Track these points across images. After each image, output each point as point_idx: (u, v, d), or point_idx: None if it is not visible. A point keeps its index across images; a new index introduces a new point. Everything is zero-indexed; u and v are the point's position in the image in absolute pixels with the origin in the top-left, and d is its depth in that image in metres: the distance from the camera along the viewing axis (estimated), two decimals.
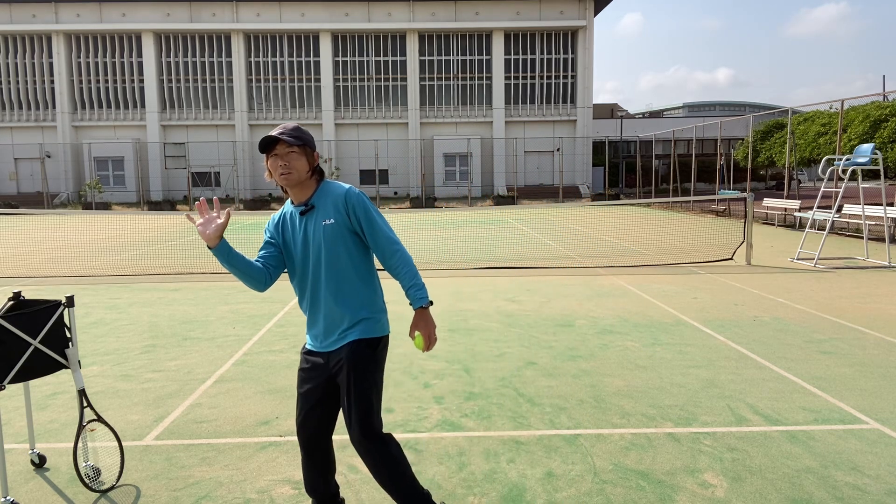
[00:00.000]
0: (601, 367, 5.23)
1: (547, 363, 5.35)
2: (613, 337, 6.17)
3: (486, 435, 3.92)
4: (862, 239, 13.94)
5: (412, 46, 38.60)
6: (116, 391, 4.81)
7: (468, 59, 39.17)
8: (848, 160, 11.16)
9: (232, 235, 17.48)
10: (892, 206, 13.87)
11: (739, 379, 4.90)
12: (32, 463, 3.57)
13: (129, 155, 37.64)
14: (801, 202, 18.21)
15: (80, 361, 3.64)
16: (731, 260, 11.30)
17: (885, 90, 25.64)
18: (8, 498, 3.11)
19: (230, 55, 38.61)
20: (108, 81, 38.67)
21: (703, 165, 34.41)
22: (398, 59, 39.04)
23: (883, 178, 11.41)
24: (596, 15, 39.76)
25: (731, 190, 25.93)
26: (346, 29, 38.04)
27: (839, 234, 15.45)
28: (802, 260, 11.18)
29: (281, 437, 3.93)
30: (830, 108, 20.51)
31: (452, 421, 4.16)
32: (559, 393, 4.63)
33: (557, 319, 6.93)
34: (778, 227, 18.28)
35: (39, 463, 3.57)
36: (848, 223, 16.34)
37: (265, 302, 8.08)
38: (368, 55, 39.16)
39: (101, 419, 3.39)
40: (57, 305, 3.20)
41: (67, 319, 3.28)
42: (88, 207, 33.17)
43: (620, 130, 39.28)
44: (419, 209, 15.24)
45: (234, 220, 24.67)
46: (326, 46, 38.43)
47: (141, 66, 38.33)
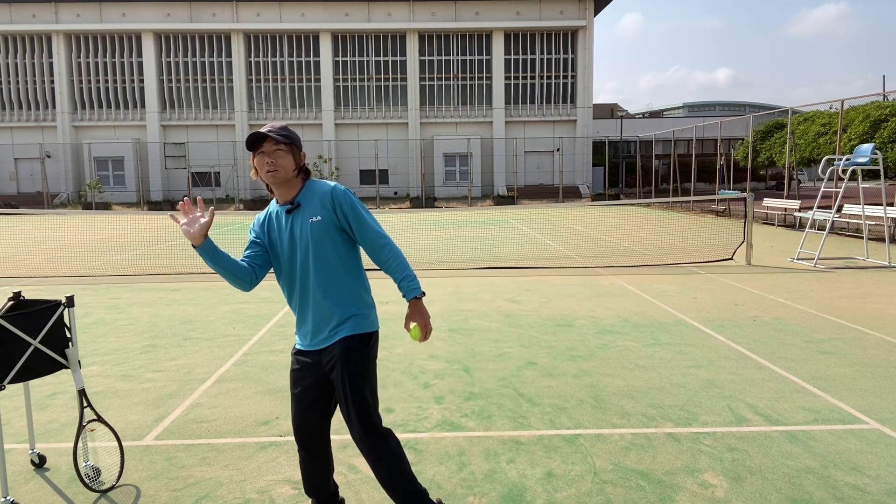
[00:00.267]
0: (601, 367, 5.23)
1: (547, 363, 5.35)
2: (613, 337, 6.17)
3: (486, 435, 3.92)
4: (862, 239, 13.94)
5: (412, 46, 38.60)
6: (116, 391, 4.81)
7: (468, 59, 39.17)
8: (848, 160, 11.16)
9: (232, 236, 17.48)
10: (892, 206, 13.87)
11: (739, 379, 4.90)
12: (32, 463, 3.57)
13: (129, 155, 37.65)
14: (801, 202, 18.21)
15: (80, 361, 3.64)
16: (731, 260, 11.30)
17: (885, 90, 25.65)
18: (8, 498, 3.11)
19: (230, 55, 38.62)
20: (108, 81, 38.67)
21: (703, 165, 34.40)
22: (398, 59, 39.04)
23: (883, 178, 11.41)
24: (596, 15, 39.77)
25: (731, 190, 25.93)
26: (346, 29, 38.04)
27: (839, 234, 15.45)
28: (802, 260, 11.18)
29: (281, 437, 3.93)
30: (830, 108, 20.51)
31: (452, 421, 4.16)
32: (559, 393, 4.63)
33: (557, 319, 6.93)
34: (778, 227, 18.27)
35: (39, 463, 3.57)
36: (848, 223, 16.34)
37: (265, 302, 8.08)
38: (368, 55, 39.16)
39: (101, 419, 3.39)
40: (57, 305, 3.20)
41: (67, 319, 3.28)
42: (88, 207, 33.17)
43: (620, 130, 39.28)
44: (419, 209, 15.23)
45: (233, 220, 24.68)
46: (326, 46, 38.43)
47: (141, 66, 38.34)
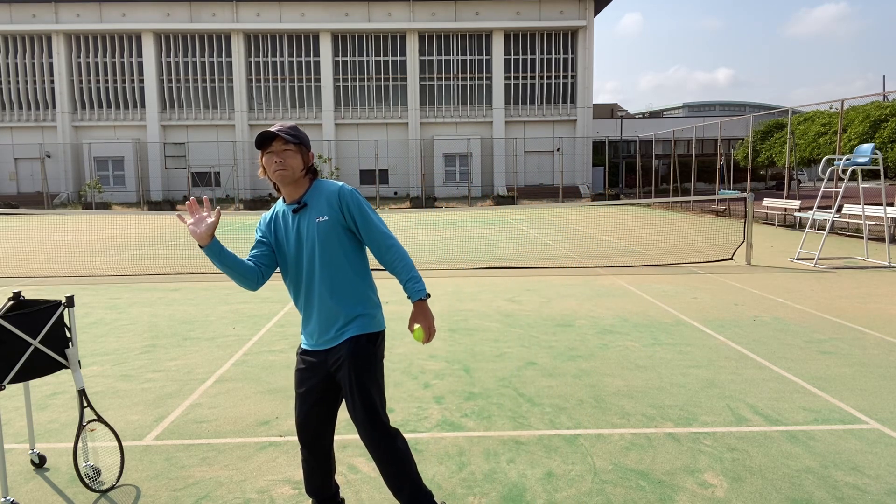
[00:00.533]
0: (601, 367, 5.23)
1: (547, 363, 5.35)
2: (613, 337, 6.17)
3: (486, 435, 3.92)
4: (862, 239, 13.94)
5: (412, 46, 38.60)
6: (116, 391, 4.81)
7: (468, 59, 39.16)
8: (848, 160, 11.16)
9: (232, 235, 17.48)
10: (892, 206, 13.87)
11: (739, 379, 4.90)
12: (32, 463, 3.57)
13: (129, 155, 37.64)
14: (801, 202, 18.21)
15: (80, 361, 3.64)
16: (731, 260, 11.30)
17: (885, 90, 25.65)
18: (8, 498, 3.11)
19: (230, 55, 38.61)
20: (108, 81, 38.67)
21: (703, 165, 34.40)
22: (398, 59, 39.04)
23: (883, 178, 11.40)
24: (596, 15, 39.77)
25: (731, 190, 25.93)
26: (346, 29, 38.04)
27: (839, 234, 15.45)
28: (802, 260, 11.18)
29: (281, 437, 3.93)
30: (830, 108, 20.51)
31: (452, 421, 4.16)
32: (559, 393, 4.63)
33: (557, 319, 6.93)
34: (778, 227, 18.27)
35: (39, 463, 3.57)
36: (848, 223, 16.34)
37: (265, 302, 8.08)
38: (368, 55, 39.16)
39: (101, 419, 3.39)
40: (57, 305, 3.20)
41: (67, 319, 3.28)
42: (88, 207, 33.17)
43: (620, 130, 39.28)
44: (419, 209, 15.24)
45: (233, 220, 24.68)
46: (326, 46, 38.43)
47: (141, 66, 38.33)
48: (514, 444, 3.79)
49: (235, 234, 18.05)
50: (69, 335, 3.26)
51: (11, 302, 3.26)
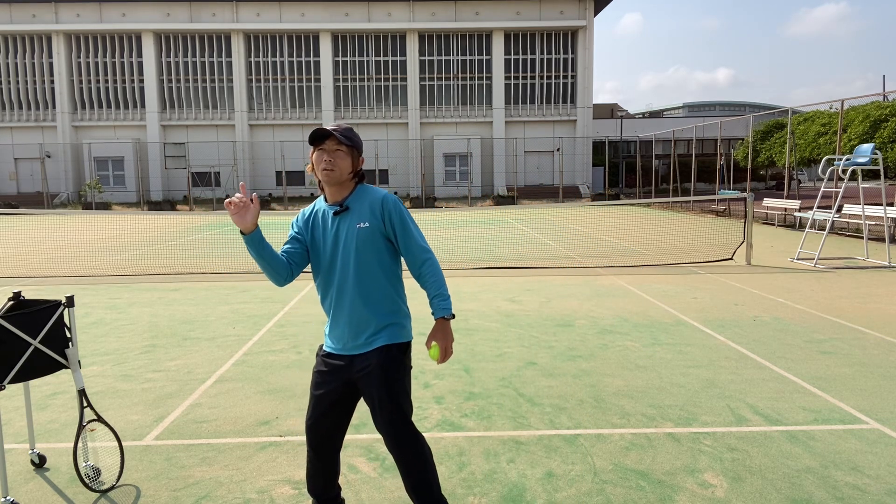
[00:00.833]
0: (601, 367, 5.23)
1: (547, 363, 5.35)
2: (613, 337, 6.17)
3: (486, 435, 3.92)
4: (862, 239, 13.94)
5: (412, 46, 38.60)
6: (116, 391, 4.81)
7: (468, 59, 39.16)
8: (848, 160, 11.16)
9: (233, 236, 17.49)
10: (892, 206, 13.87)
11: (739, 379, 4.90)
12: (32, 463, 3.57)
13: (129, 155, 37.64)
14: (801, 202, 18.21)
15: (80, 361, 3.64)
16: (731, 260, 11.30)
17: (885, 90, 25.64)
18: (8, 498, 3.11)
19: (230, 55, 38.61)
20: (108, 81, 38.67)
21: (703, 165, 34.40)
22: (398, 59, 39.04)
23: (883, 178, 11.41)
24: (596, 15, 39.77)
25: (731, 190, 25.93)
26: (346, 29, 38.04)
27: (839, 234, 15.45)
28: (802, 260, 11.18)
29: (281, 437, 3.93)
30: (830, 108, 20.52)
31: (452, 421, 4.16)
32: (559, 393, 4.63)
33: (557, 319, 6.93)
34: (778, 227, 18.27)
35: (39, 463, 3.57)
36: (848, 223, 16.34)
37: (265, 302, 8.08)
38: (368, 55, 39.16)
39: (101, 419, 3.39)
40: (57, 305, 3.20)
41: (67, 319, 3.28)
42: (88, 207, 33.17)
43: (620, 130, 39.28)
44: (419, 209, 15.23)
45: (230, 220, 24.64)
46: (326, 46, 38.43)
47: (141, 66, 38.33)
48: (514, 444, 3.79)
49: (235, 234, 18.05)
50: (69, 335, 3.26)
51: (11, 302, 3.26)
